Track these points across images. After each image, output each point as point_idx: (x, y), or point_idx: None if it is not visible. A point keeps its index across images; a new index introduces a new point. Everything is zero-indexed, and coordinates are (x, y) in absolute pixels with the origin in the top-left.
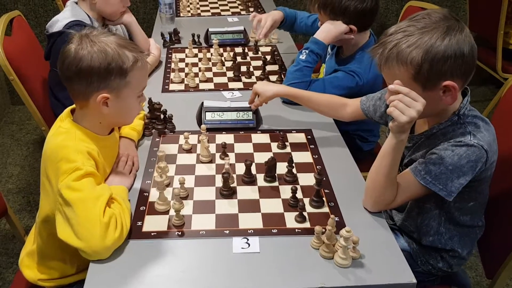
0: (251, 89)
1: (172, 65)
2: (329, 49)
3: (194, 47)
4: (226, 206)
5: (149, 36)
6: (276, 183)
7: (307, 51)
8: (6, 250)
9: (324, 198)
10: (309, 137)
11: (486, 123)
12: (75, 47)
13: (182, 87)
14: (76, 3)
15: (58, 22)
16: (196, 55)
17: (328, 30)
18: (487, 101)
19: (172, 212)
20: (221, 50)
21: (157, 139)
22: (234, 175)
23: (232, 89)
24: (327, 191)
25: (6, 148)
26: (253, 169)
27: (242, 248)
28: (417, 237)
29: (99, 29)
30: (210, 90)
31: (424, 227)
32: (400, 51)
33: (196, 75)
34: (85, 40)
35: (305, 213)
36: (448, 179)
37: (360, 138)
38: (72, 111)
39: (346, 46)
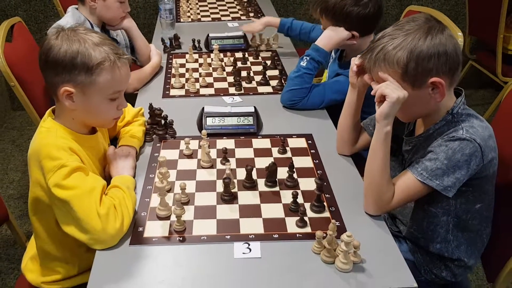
0: (251, 94)
1: (173, 71)
2: (332, 53)
3: (194, 53)
4: (227, 211)
5: (150, 41)
6: (277, 188)
7: (308, 58)
8: (8, 256)
9: (325, 203)
10: (310, 142)
11: (481, 121)
12: (49, 37)
13: (182, 92)
14: (77, 9)
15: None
16: (196, 61)
17: (330, 37)
18: (487, 104)
19: (173, 218)
20: (221, 55)
21: (157, 145)
22: (235, 180)
23: (233, 94)
24: (328, 196)
25: (7, 154)
26: (254, 174)
27: (243, 253)
28: (423, 243)
29: (88, 28)
30: (210, 95)
31: (430, 232)
32: (387, 53)
33: (197, 80)
34: (62, 33)
35: (306, 218)
36: (444, 174)
37: None
38: (54, 111)
39: (349, 51)
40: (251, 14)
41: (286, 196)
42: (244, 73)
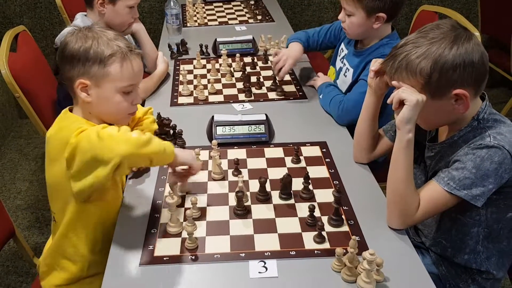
0: (262, 101)
1: (180, 77)
2: (343, 46)
3: (202, 58)
4: (241, 227)
5: (156, 47)
6: (292, 201)
7: (324, 92)
8: (16, 268)
9: (343, 216)
10: (324, 150)
11: (509, 126)
12: (66, 35)
13: (191, 100)
14: (85, 15)
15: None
16: (204, 66)
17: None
18: (500, 103)
19: (184, 234)
20: (230, 60)
21: None
22: (248, 193)
23: (243, 101)
24: (346, 208)
25: (14, 163)
26: (268, 186)
27: (260, 272)
28: (450, 254)
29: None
30: (220, 102)
31: (459, 242)
32: (409, 62)
33: (205, 87)
34: (78, 31)
35: (324, 233)
36: (473, 184)
37: None
38: (70, 111)
39: (368, 39)
40: (259, 17)
41: (302, 209)
42: (253, 79)
